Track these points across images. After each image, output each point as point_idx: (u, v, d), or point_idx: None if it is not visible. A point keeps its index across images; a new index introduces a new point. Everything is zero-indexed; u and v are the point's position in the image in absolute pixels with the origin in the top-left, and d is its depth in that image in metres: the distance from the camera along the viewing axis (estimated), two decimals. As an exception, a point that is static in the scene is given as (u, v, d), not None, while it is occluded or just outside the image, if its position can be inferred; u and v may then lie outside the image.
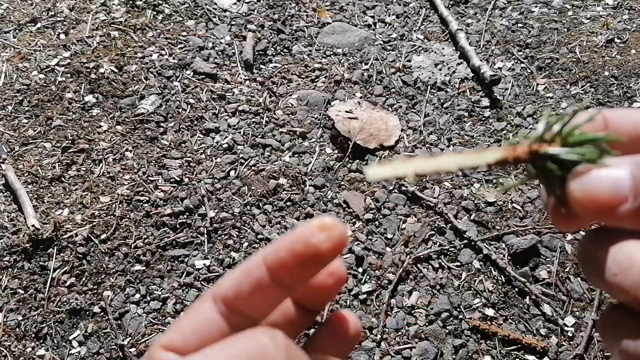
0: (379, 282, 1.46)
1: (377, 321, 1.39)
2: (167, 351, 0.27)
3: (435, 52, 2.08)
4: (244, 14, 2.21)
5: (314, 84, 1.97)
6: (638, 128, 0.27)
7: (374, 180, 0.25)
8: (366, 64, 2.04)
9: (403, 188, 1.64)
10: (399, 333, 1.38)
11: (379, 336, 1.36)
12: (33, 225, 1.50)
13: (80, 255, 1.49)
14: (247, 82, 1.96)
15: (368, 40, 2.13)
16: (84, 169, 1.68)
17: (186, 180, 1.66)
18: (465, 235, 1.54)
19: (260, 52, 2.06)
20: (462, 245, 1.54)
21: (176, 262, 1.50)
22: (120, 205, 1.59)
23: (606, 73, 1.98)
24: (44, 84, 1.89)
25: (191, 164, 1.71)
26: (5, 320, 1.38)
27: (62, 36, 2.06)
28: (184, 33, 2.11)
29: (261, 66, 2.02)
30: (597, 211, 0.24)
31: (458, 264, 1.51)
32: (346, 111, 1.82)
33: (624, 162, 0.24)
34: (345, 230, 0.27)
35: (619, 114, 0.28)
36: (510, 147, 0.27)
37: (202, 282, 1.46)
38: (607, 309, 0.27)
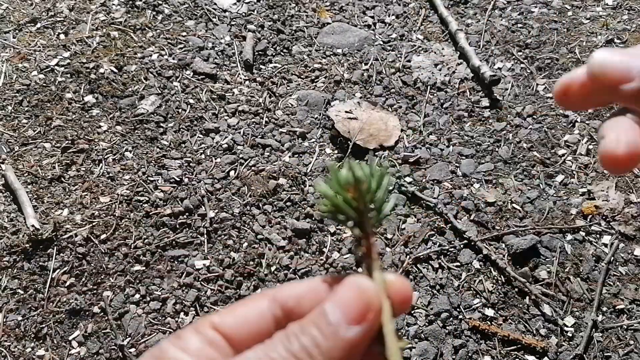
0: (379, 282, 1.46)
1: (377, 321, 1.39)
2: (215, 330, 0.30)
3: (435, 53, 2.08)
4: (243, 14, 2.21)
5: (314, 84, 1.97)
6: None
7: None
8: (366, 64, 2.04)
9: (403, 188, 1.64)
10: (399, 333, 1.38)
11: (378, 336, 1.36)
12: (33, 226, 1.50)
13: (80, 256, 1.49)
14: (247, 82, 1.96)
15: (368, 40, 2.13)
16: (84, 169, 1.68)
17: (186, 180, 1.66)
18: (465, 236, 1.54)
19: (260, 52, 2.06)
20: (462, 246, 1.54)
21: (176, 263, 1.50)
22: (120, 206, 1.59)
23: (606, 73, 1.98)
24: (44, 84, 1.89)
25: (191, 164, 1.71)
26: (5, 320, 1.38)
27: (62, 36, 2.06)
28: (184, 33, 2.11)
29: (261, 66, 2.02)
30: (608, 84, 0.30)
31: (458, 264, 1.51)
32: (346, 111, 1.82)
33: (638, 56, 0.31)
34: None
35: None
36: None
37: (202, 283, 1.46)
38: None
